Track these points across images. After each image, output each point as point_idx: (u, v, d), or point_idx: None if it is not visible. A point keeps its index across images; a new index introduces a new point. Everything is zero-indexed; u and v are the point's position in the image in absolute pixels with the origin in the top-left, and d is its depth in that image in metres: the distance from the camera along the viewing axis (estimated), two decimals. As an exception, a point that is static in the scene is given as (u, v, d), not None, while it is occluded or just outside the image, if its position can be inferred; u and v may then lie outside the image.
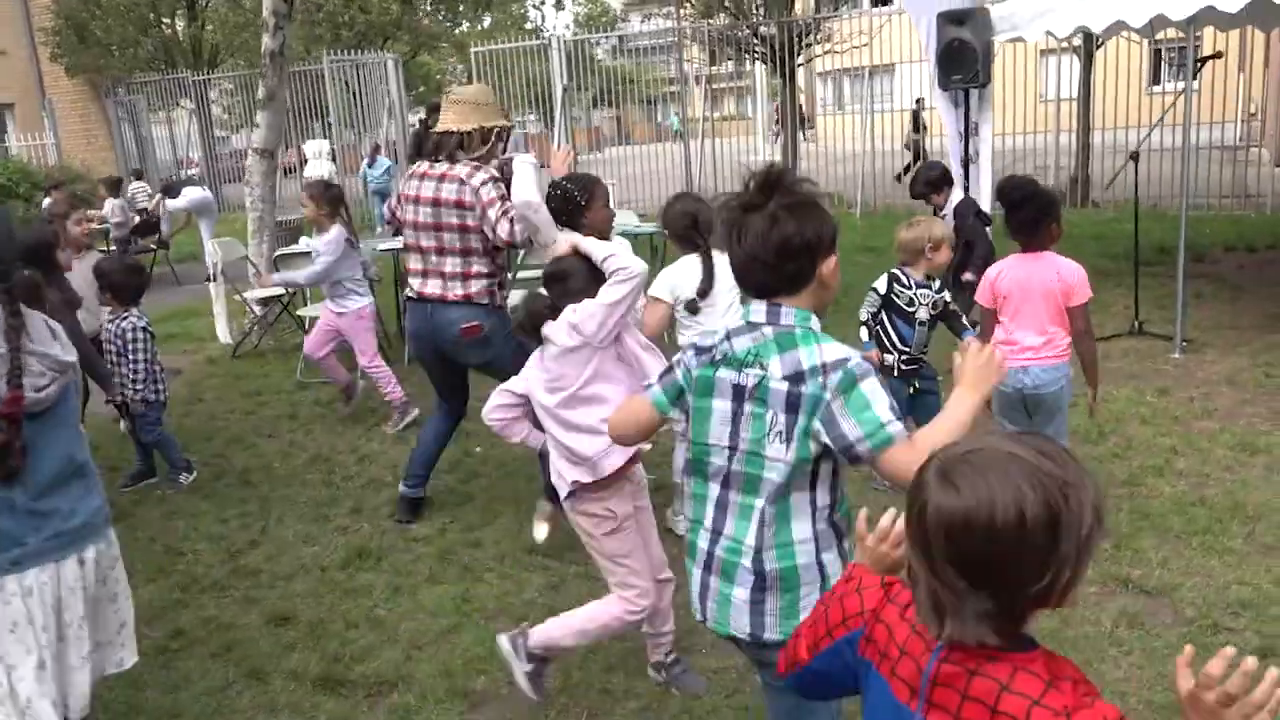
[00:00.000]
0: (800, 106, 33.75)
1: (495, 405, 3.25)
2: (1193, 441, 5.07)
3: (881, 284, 4.55)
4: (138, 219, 13.57)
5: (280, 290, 7.60)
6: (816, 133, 29.48)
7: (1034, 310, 3.97)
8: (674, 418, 2.17)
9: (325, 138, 19.75)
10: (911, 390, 4.56)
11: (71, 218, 5.51)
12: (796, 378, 1.95)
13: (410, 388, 6.70)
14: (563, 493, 3.08)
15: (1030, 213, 3.96)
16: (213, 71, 22.40)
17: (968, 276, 6.21)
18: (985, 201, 8.53)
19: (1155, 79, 19.10)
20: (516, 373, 4.59)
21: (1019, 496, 1.20)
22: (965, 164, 8.38)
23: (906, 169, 16.71)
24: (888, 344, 4.54)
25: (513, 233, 4.26)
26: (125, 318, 5.16)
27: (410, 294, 4.56)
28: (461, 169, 4.34)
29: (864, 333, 4.61)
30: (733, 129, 28.27)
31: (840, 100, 27.77)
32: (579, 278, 3.01)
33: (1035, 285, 3.97)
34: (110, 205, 14.04)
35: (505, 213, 4.26)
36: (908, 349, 4.52)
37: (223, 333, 8.52)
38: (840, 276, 2.07)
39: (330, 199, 5.95)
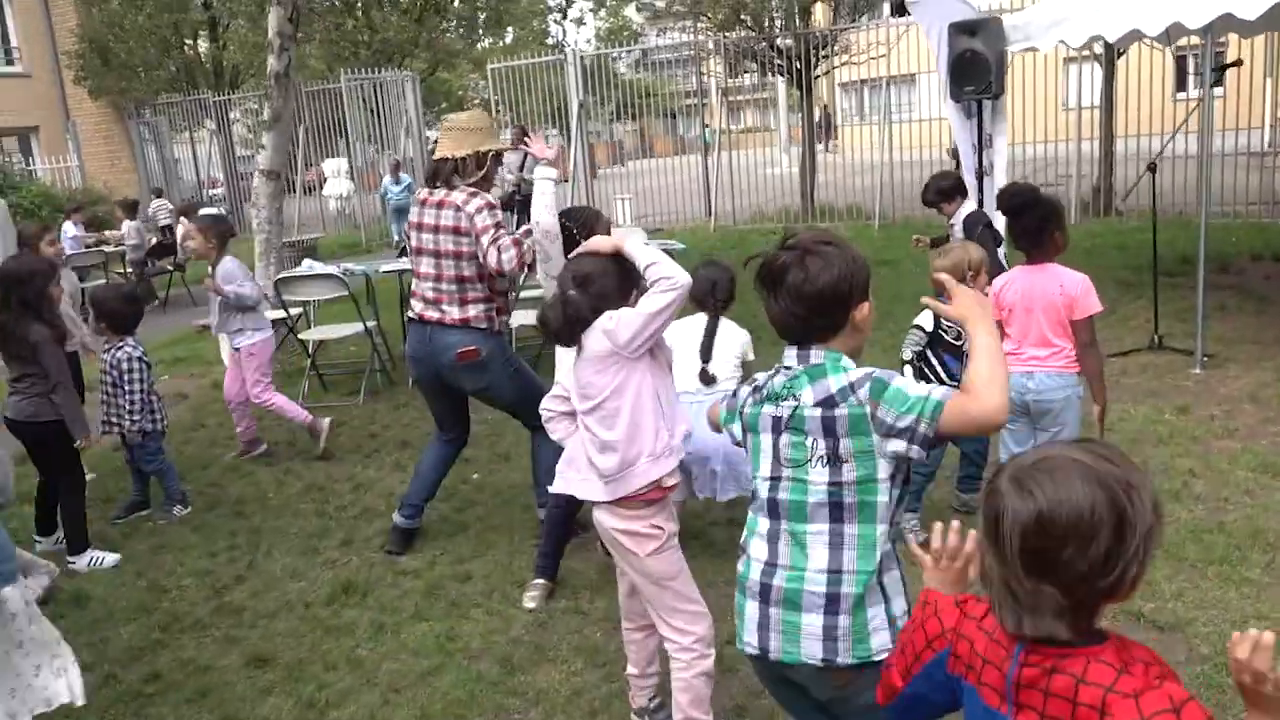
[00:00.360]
0: (829, 117, 33.68)
1: (550, 395, 3.15)
2: (1212, 463, 4.88)
3: (927, 320, 4.29)
4: (154, 240, 13.64)
5: (282, 312, 7.54)
6: (840, 144, 29.27)
7: (1037, 323, 3.83)
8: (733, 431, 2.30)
9: (344, 156, 19.88)
10: None
11: (44, 239, 5.48)
12: (828, 402, 2.03)
13: (414, 412, 6.63)
14: (596, 499, 2.93)
15: (1032, 220, 3.82)
16: (234, 92, 22.59)
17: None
18: (999, 215, 8.40)
19: (1180, 85, 18.79)
20: (514, 400, 4.55)
21: (1088, 497, 1.32)
22: (979, 176, 8.20)
23: None
24: (935, 380, 4.26)
25: (500, 261, 4.20)
26: (121, 347, 5.10)
27: (411, 315, 4.54)
28: (458, 195, 4.32)
29: (908, 372, 4.28)
30: (754, 140, 28.17)
31: (863, 111, 27.62)
32: (611, 280, 2.85)
33: (1038, 297, 3.82)
34: (127, 227, 14.12)
35: (495, 241, 4.21)
36: (956, 383, 4.30)
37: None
38: (871, 321, 2.12)
39: (219, 233, 5.96)
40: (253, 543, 4.90)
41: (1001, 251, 6.20)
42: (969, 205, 6.19)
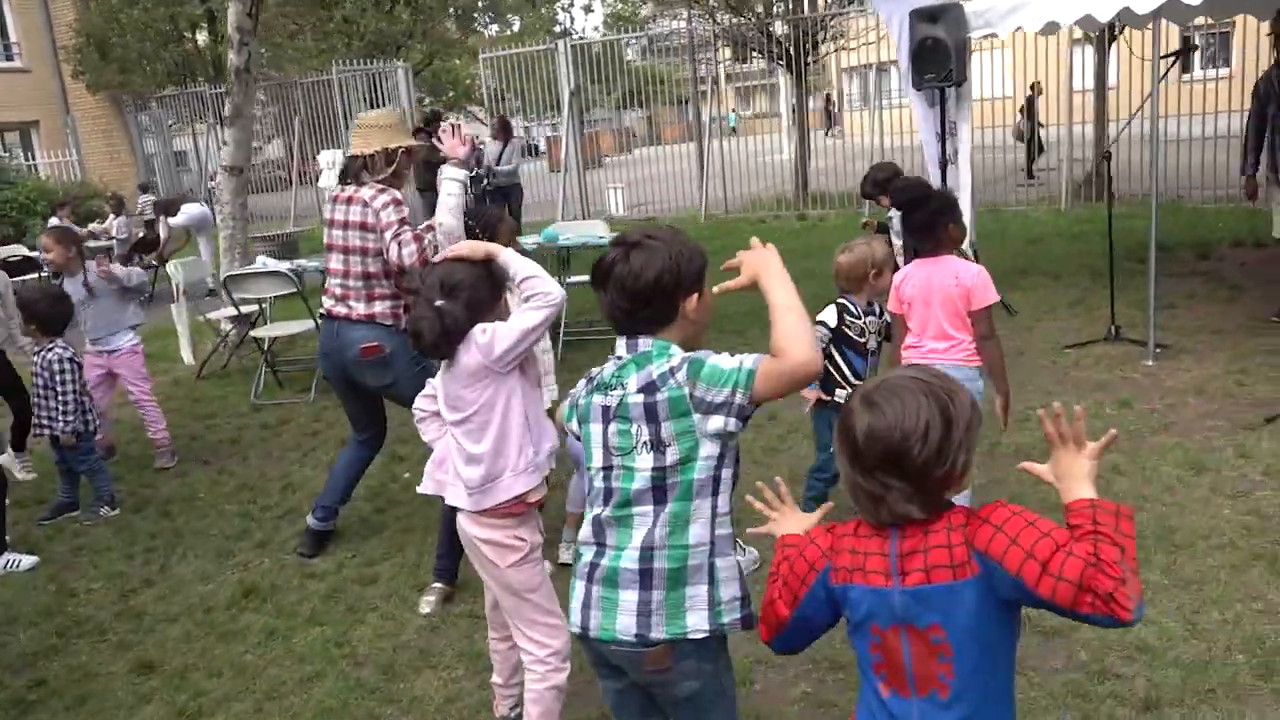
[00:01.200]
0: (831, 104, 33.41)
1: (422, 395, 3.12)
2: (1140, 459, 4.78)
3: (831, 317, 4.19)
4: (140, 234, 13.70)
5: (233, 310, 7.54)
6: (843, 129, 29.04)
7: (935, 316, 3.77)
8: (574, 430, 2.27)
9: (340, 148, 19.87)
10: None
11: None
12: (649, 388, 2.05)
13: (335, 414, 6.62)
14: (461, 506, 2.88)
15: (925, 215, 3.74)
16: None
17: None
18: (965, 203, 8.27)
19: (1184, 67, 18.44)
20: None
21: (923, 405, 1.63)
22: (943, 166, 8.09)
23: (1031, 160, 16.09)
24: (840, 379, 4.18)
25: (401, 256, 4.20)
26: (51, 349, 5.11)
27: (322, 312, 4.55)
28: (366, 192, 4.34)
29: None
30: (764, 126, 27.95)
31: (865, 96, 27.39)
32: (481, 289, 2.78)
33: (935, 290, 3.76)
34: (115, 222, 14.22)
35: (397, 236, 4.22)
36: (861, 381, 4.23)
37: (186, 354, 8.50)
38: (712, 310, 2.15)
39: (76, 241, 5.97)
40: (171, 545, 4.90)
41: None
42: (908, 197, 6.09)
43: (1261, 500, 4.24)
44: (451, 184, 3.97)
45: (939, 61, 7.65)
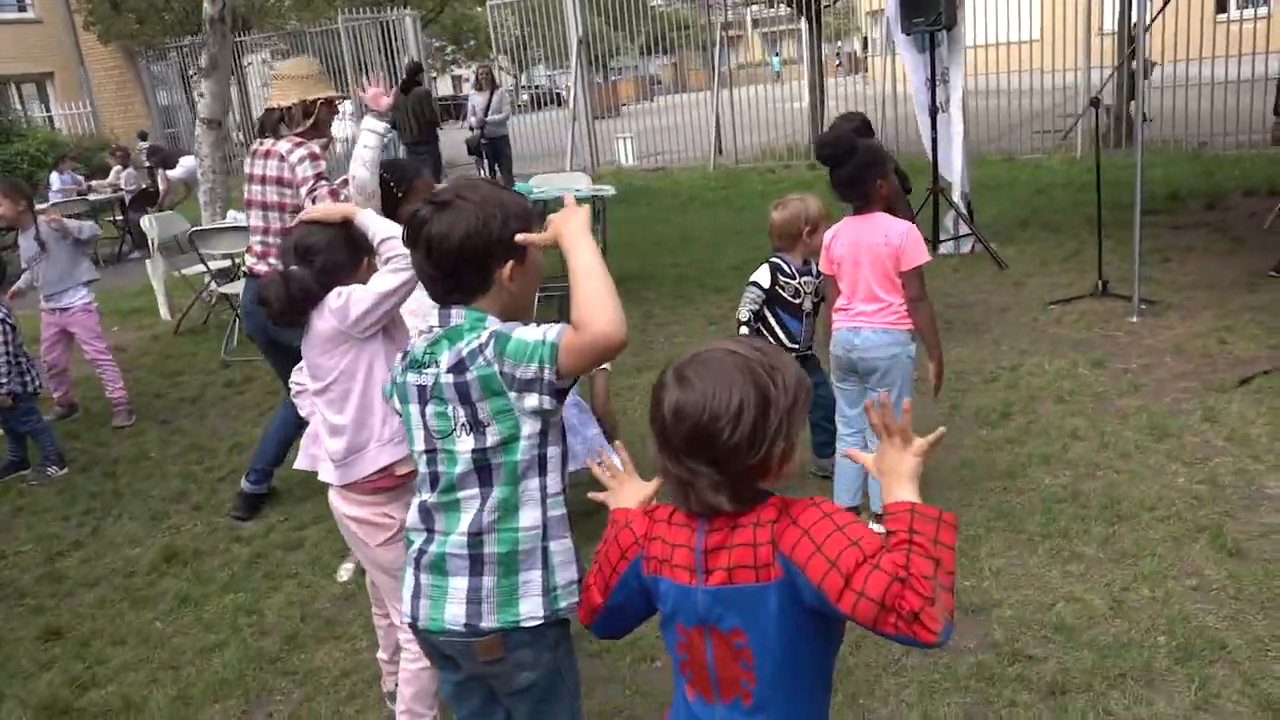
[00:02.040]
0: (854, 51, 32.61)
1: (298, 368, 2.99)
2: (1101, 423, 4.58)
3: (764, 276, 4.02)
4: (143, 186, 13.66)
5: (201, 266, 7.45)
6: (870, 75, 28.32)
7: (864, 276, 3.57)
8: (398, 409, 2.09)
9: (349, 98, 19.70)
10: None
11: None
12: (459, 367, 1.87)
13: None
14: (330, 481, 2.78)
15: (850, 170, 3.53)
16: (245, 34, 22.45)
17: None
18: (956, 152, 7.98)
19: (1221, 7, 17.71)
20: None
21: (737, 382, 1.46)
22: (933, 114, 7.81)
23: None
24: (774, 342, 4.02)
25: None
26: (-16, 310, 5.06)
27: (244, 270, 4.44)
28: (283, 145, 4.22)
29: (744, 334, 4.04)
30: (786, 74, 27.29)
31: (891, 41, 26.63)
32: (337, 252, 2.64)
33: (864, 249, 3.57)
34: (123, 174, 14.18)
35: (312, 191, 4.09)
36: (796, 345, 4.03)
37: (163, 310, 8.45)
38: (536, 276, 1.98)
39: (25, 195, 5.85)
40: (108, 506, 4.85)
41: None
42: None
43: (1219, 468, 4.03)
44: (369, 135, 3.81)
45: (928, 4, 7.35)
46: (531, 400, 1.83)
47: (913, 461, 1.54)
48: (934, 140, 7.88)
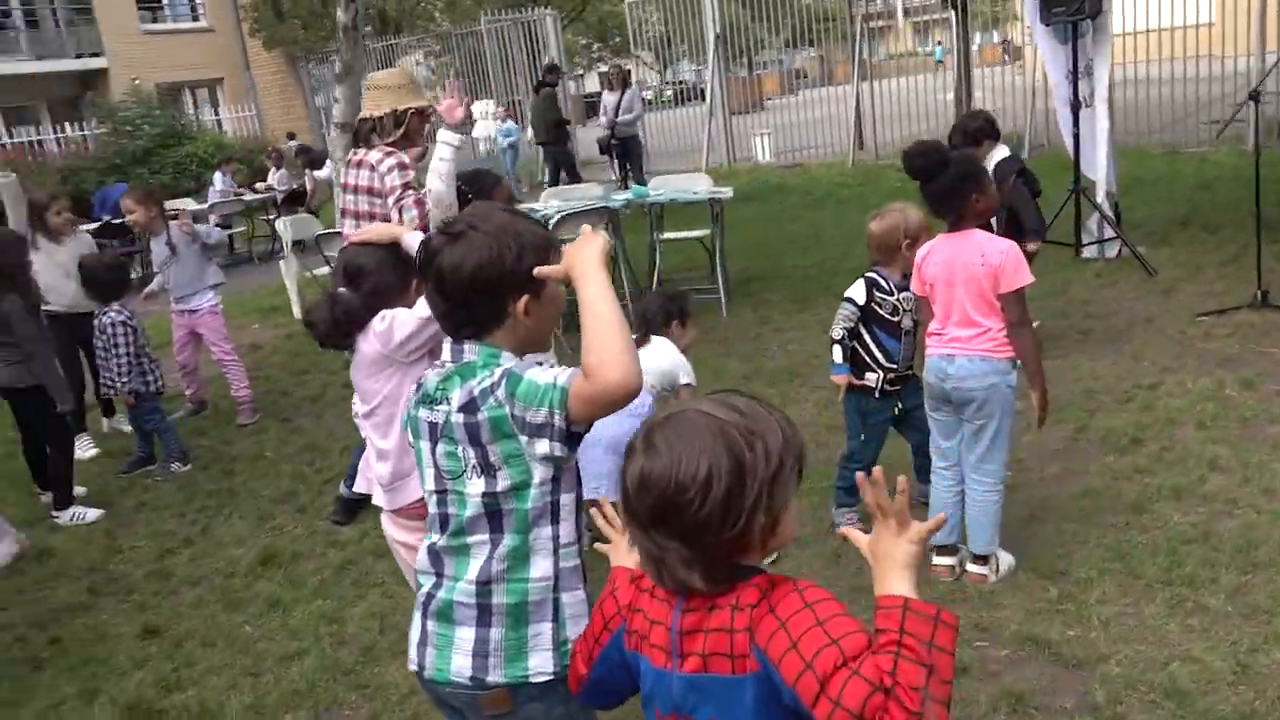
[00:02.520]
0: (1008, 40, 31.20)
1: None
2: (1245, 454, 4.15)
3: (859, 292, 3.79)
4: (294, 186, 14.27)
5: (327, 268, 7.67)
6: (1024, 64, 27.05)
7: (958, 298, 3.31)
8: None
9: (491, 98, 20.12)
10: (896, 411, 3.85)
11: (51, 209, 5.72)
12: (469, 407, 1.78)
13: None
14: (381, 504, 2.78)
15: (943, 184, 3.27)
16: (396, 38, 23.22)
17: (1030, 247, 5.38)
18: (1101, 150, 7.46)
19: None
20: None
21: (706, 449, 1.31)
22: (1075, 110, 7.31)
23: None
24: (870, 361, 3.79)
25: (403, 221, 4.06)
26: (106, 313, 5.30)
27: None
28: (374, 155, 4.27)
29: (837, 353, 3.80)
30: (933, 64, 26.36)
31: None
32: (385, 275, 2.62)
33: (959, 270, 3.30)
34: (276, 175, 14.87)
35: (400, 200, 4.11)
36: (894, 365, 3.78)
37: (296, 309, 8.74)
38: (555, 309, 1.88)
39: (158, 202, 6.04)
40: (222, 504, 5.02)
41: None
42: (1000, 151, 5.47)
43: (1380, 512, 3.59)
44: (444, 148, 3.81)
45: (1071, -9, 6.88)
46: (542, 446, 1.72)
47: (909, 549, 1.35)
48: (1076, 137, 7.38)
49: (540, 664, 1.82)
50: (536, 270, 1.79)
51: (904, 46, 38.30)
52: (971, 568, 3.48)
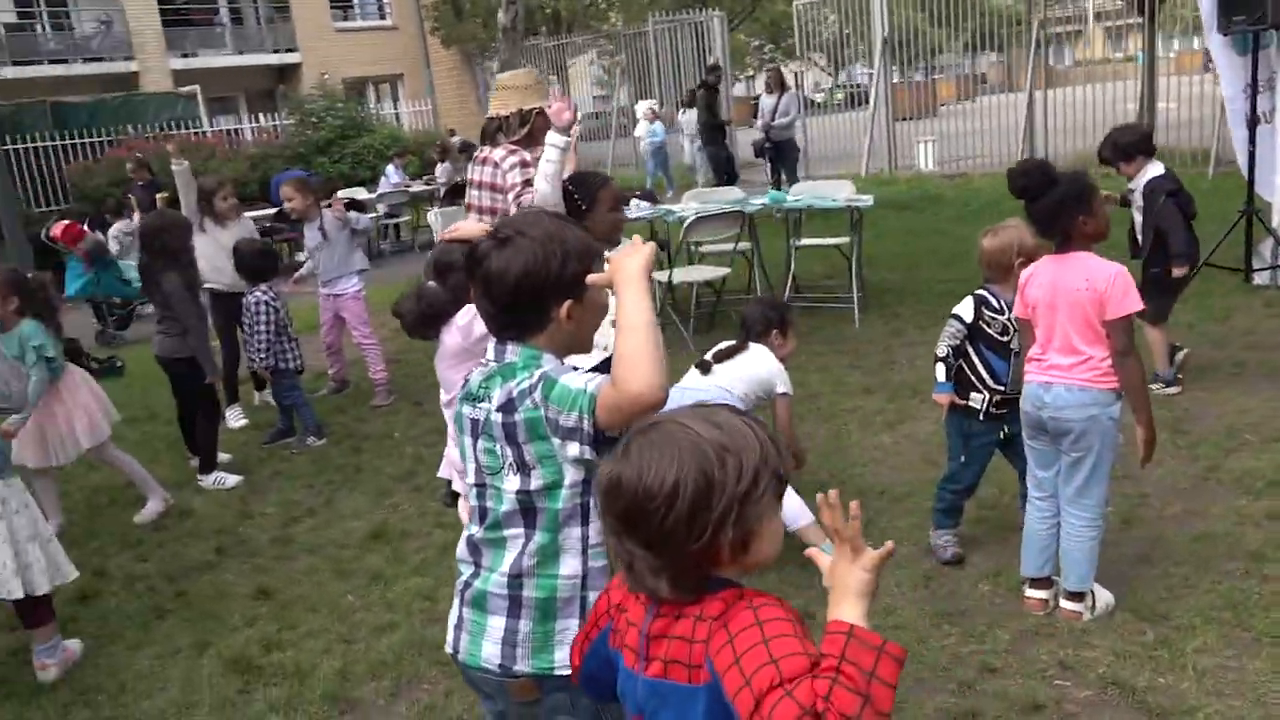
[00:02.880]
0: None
1: None
2: (1398, 507, 3.81)
3: (967, 310, 3.72)
4: (457, 179, 14.83)
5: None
6: (1215, 73, 25.28)
7: (1060, 323, 3.17)
8: None
9: (655, 98, 20.33)
10: (1002, 435, 3.74)
11: (219, 194, 6.14)
12: (508, 407, 1.86)
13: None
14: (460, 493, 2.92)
15: (1048, 205, 3.14)
16: (568, 36, 23.78)
17: (1176, 272, 5.11)
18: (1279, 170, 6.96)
19: None
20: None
21: (674, 461, 1.33)
22: (1251, 127, 6.84)
23: None
24: (975, 381, 3.69)
25: None
26: (253, 293, 5.68)
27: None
28: (498, 152, 4.40)
29: (940, 370, 3.72)
30: (1125, 71, 25.02)
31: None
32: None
33: (1062, 293, 3.16)
34: (440, 169, 15.49)
35: (519, 197, 4.24)
36: (1001, 386, 3.65)
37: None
38: (597, 314, 1.93)
39: (314, 191, 6.34)
40: (347, 478, 5.30)
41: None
42: (1153, 168, 5.17)
43: None
44: (550, 149, 3.90)
45: (1251, 1, 6.44)
46: (573, 449, 1.79)
47: (861, 576, 1.32)
48: (1252, 155, 6.90)
49: (565, 658, 1.88)
50: (588, 278, 1.85)
51: (1096, 52, 36.48)
52: (1065, 604, 3.33)
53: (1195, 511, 3.99)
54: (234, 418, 6.35)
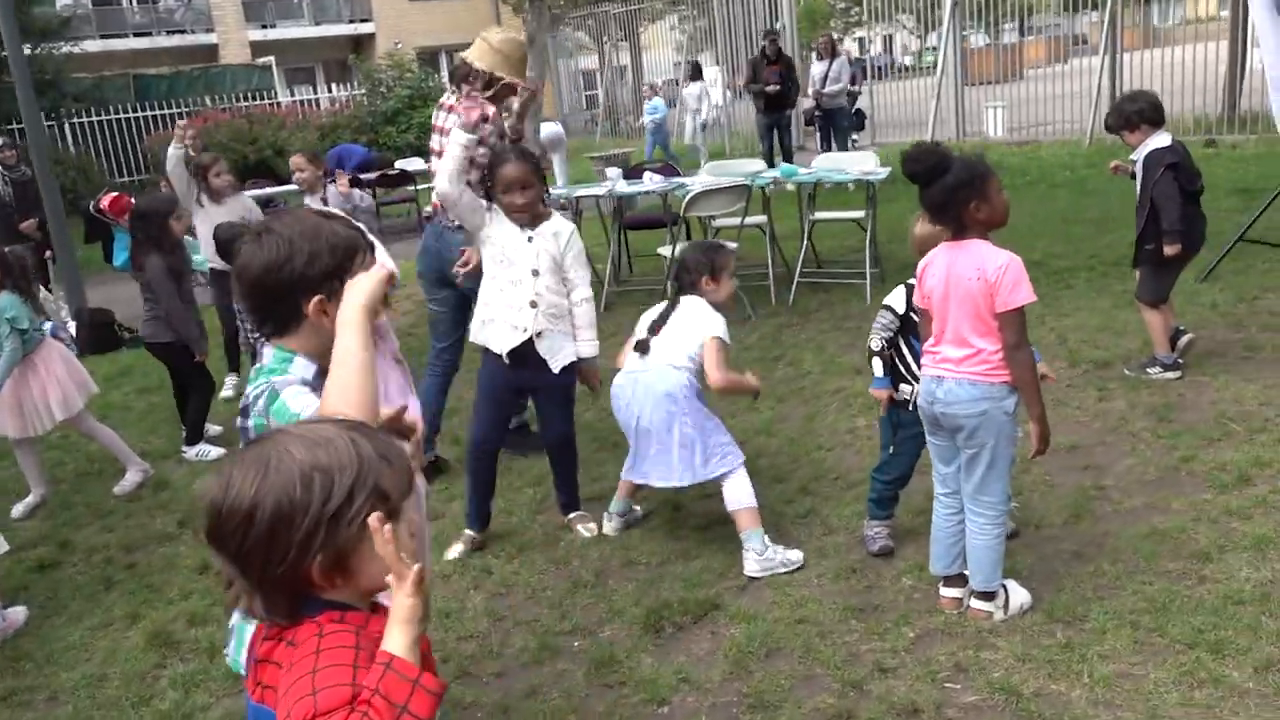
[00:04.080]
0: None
1: None
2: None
3: (898, 300, 3.57)
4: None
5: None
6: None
7: (953, 315, 3.01)
8: None
9: (715, 66, 20.05)
10: None
11: (212, 170, 6.22)
12: (244, 412, 1.88)
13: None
14: None
15: (940, 190, 2.97)
16: (642, 4, 23.54)
17: (1168, 250, 4.84)
18: None
19: None
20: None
21: (259, 479, 1.28)
22: (1291, 89, 6.37)
23: None
24: (906, 374, 3.57)
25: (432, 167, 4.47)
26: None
27: (427, 212, 4.99)
28: (464, 102, 4.45)
29: (877, 365, 3.59)
30: (1211, 32, 23.69)
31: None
32: None
33: (954, 284, 3.00)
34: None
35: (440, 150, 4.35)
36: None
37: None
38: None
39: (323, 164, 6.39)
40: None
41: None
42: (1158, 139, 4.85)
43: None
44: (455, 147, 3.81)
45: (1293, -48, 5.97)
46: None
47: (404, 602, 1.28)
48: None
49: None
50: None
51: (1205, 10, 34.46)
52: (974, 603, 3.18)
53: (1155, 505, 3.77)
54: (228, 387, 6.50)
